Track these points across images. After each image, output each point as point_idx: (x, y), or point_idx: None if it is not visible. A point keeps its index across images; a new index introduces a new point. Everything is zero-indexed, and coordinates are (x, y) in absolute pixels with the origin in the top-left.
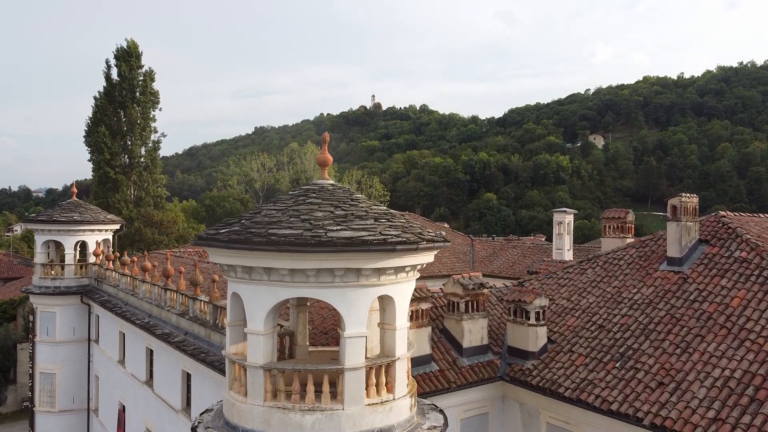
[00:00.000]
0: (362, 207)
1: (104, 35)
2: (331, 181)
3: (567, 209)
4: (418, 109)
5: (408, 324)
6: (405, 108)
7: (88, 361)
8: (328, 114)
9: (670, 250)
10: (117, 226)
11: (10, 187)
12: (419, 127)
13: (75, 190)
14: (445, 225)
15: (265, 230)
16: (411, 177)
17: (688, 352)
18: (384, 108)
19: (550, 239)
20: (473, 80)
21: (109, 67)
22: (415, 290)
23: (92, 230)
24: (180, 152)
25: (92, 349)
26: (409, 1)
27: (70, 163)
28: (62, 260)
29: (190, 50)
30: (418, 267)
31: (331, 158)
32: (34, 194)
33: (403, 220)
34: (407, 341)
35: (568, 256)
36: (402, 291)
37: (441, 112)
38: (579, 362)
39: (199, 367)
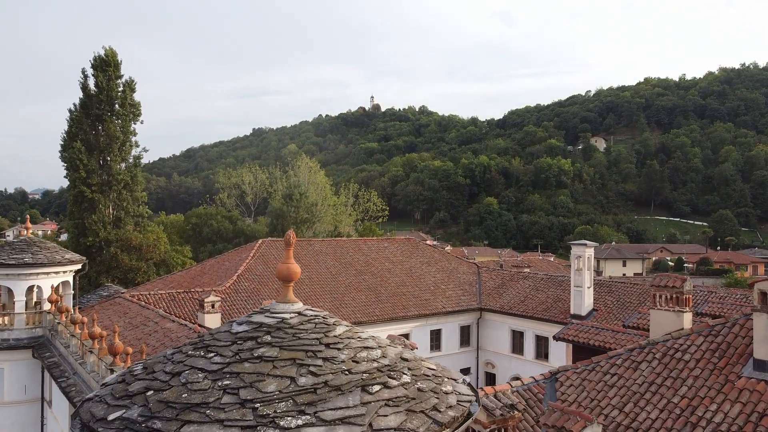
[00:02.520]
0: (343, 361)
1: (103, 34)
2: (298, 307)
3: (587, 242)
4: (417, 110)
5: None
6: (404, 109)
7: (42, 425)
8: (326, 115)
9: (758, 350)
10: (78, 266)
11: (6, 189)
12: (418, 128)
13: (29, 225)
14: (448, 247)
15: (176, 425)
16: (410, 181)
17: None
18: (383, 109)
19: (556, 254)
20: (472, 80)
21: (85, 77)
22: None
23: (47, 273)
24: (177, 154)
25: (45, 411)
26: (408, 2)
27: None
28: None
29: (188, 50)
30: None
31: (299, 271)
32: (30, 196)
33: (408, 377)
34: None
35: (589, 294)
36: None
37: (440, 113)
38: None
39: None
